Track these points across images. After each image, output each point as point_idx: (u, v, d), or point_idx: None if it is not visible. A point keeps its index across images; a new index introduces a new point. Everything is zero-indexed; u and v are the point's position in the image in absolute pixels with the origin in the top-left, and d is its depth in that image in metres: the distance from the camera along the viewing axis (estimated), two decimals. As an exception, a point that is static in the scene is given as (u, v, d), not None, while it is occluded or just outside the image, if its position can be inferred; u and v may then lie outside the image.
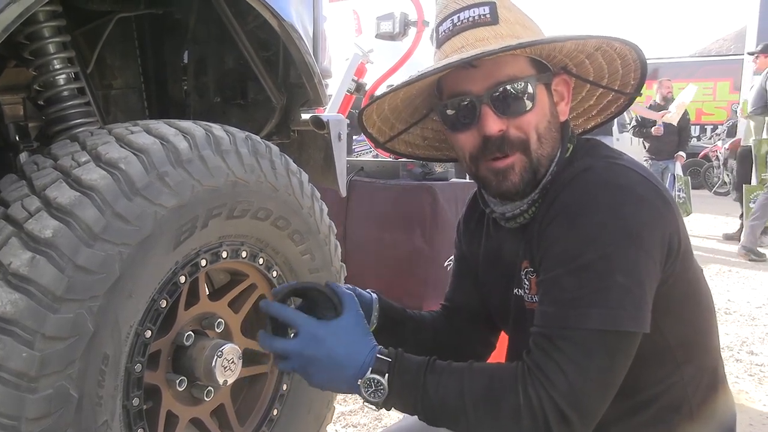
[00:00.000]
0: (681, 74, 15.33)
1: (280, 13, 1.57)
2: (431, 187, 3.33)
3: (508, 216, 1.09)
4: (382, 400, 0.94)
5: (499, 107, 0.99)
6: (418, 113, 1.19)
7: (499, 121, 0.99)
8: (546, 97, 1.03)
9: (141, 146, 1.16)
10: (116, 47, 1.90)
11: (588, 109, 1.21)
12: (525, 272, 1.06)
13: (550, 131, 1.03)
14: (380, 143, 1.23)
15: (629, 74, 1.10)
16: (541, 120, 1.01)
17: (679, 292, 1.00)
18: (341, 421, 2.48)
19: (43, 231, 1.02)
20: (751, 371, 3.15)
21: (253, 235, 1.42)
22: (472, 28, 0.99)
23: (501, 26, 0.98)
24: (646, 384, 1.01)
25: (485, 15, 0.98)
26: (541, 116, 1.01)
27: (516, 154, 1.01)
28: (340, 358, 0.95)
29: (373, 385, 0.93)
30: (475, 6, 0.99)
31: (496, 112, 0.99)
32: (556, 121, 1.05)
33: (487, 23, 0.98)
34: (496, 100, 0.99)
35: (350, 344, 0.96)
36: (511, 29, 0.98)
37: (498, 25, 0.98)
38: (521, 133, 1.00)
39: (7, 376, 0.96)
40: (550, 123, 1.03)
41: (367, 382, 0.93)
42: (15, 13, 1.09)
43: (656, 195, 0.95)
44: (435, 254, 3.32)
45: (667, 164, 7.55)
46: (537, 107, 1.01)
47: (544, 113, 1.02)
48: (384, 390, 0.93)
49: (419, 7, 4.09)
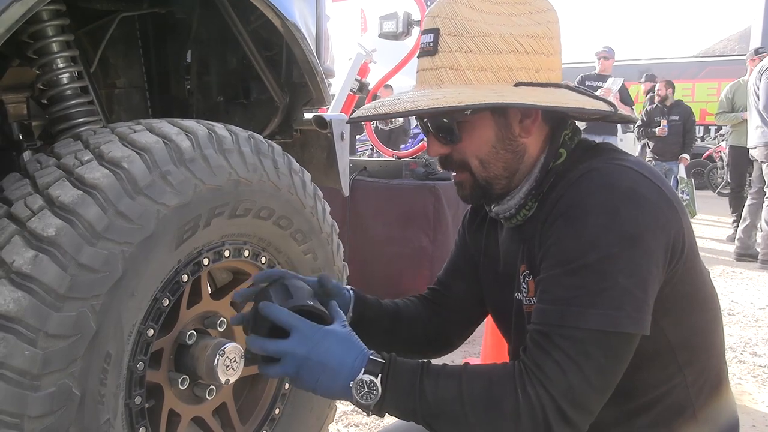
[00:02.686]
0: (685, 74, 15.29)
1: (283, 12, 1.58)
2: (434, 186, 3.33)
3: (502, 217, 1.11)
4: (374, 402, 0.92)
5: (438, 135, 1.05)
6: None
7: (440, 147, 1.06)
8: (489, 124, 1.02)
9: (144, 145, 1.17)
10: (119, 46, 1.90)
11: None
12: (523, 276, 1.06)
13: (497, 154, 1.03)
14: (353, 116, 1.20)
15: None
16: (479, 147, 1.03)
17: (683, 293, 0.99)
18: (343, 421, 2.48)
19: (46, 229, 1.03)
20: (754, 373, 3.14)
21: (256, 234, 1.42)
22: (420, 56, 1.03)
23: (439, 56, 0.99)
24: (649, 386, 1.01)
25: (429, 44, 1.01)
26: (478, 144, 1.03)
27: (463, 173, 1.07)
28: (333, 358, 0.94)
29: (366, 386, 0.92)
30: (426, 32, 1.02)
31: (438, 139, 1.05)
32: (509, 143, 1.03)
33: (429, 53, 1.01)
34: (435, 129, 1.05)
35: (343, 346, 0.95)
36: (448, 59, 0.98)
37: (436, 55, 0.99)
38: (461, 157, 1.05)
39: (10, 374, 0.97)
40: (496, 147, 1.03)
41: (359, 383, 0.92)
42: (19, 12, 1.09)
43: (660, 196, 0.95)
44: (437, 254, 3.32)
45: (671, 166, 7.54)
46: (472, 137, 1.03)
47: (484, 140, 1.03)
48: (377, 391, 0.92)
49: (422, 7, 4.09)
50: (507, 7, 1.00)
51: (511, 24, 0.99)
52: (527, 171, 1.05)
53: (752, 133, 5.65)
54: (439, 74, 0.99)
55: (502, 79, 0.98)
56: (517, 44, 0.98)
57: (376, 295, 1.27)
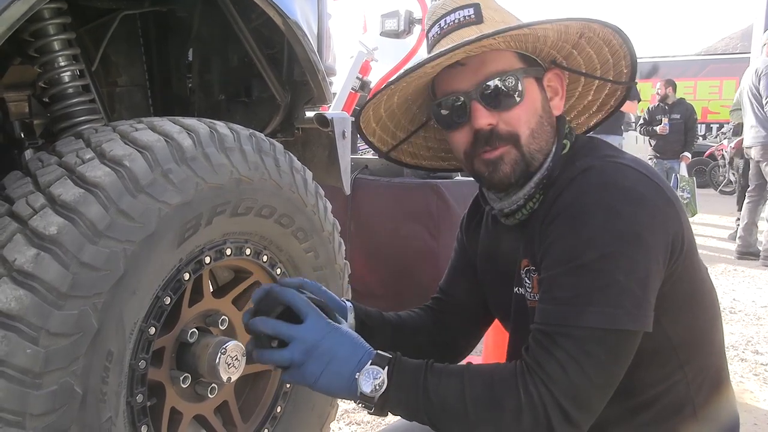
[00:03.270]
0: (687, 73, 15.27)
1: (285, 10, 1.57)
2: (436, 184, 3.33)
3: (506, 212, 1.09)
4: (379, 394, 0.91)
5: (488, 102, 1.01)
6: (417, 120, 1.20)
7: (489, 116, 1.01)
8: (537, 92, 1.04)
9: (145, 143, 1.17)
10: (121, 45, 1.90)
11: (588, 105, 1.21)
12: (526, 271, 1.06)
13: (542, 126, 1.04)
14: (383, 152, 1.24)
15: (620, 62, 1.10)
16: (531, 114, 1.02)
17: (682, 291, 0.99)
18: (344, 419, 2.48)
19: (47, 228, 1.03)
20: (756, 371, 3.14)
21: (257, 232, 1.42)
22: (457, 29, 1.01)
23: (485, 25, 0.99)
24: (649, 383, 1.01)
25: (470, 16, 1.00)
26: (531, 110, 1.02)
27: (506, 146, 1.02)
28: (342, 348, 0.94)
29: (372, 377, 0.91)
30: (459, 9, 1.01)
31: (486, 107, 1.01)
32: (548, 116, 1.05)
33: (472, 23, 1.00)
34: (484, 96, 1.01)
35: (352, 339, 0.96)
36: (495, 28, 0.98)
37: (483, 23, 1.00)
38: (511, 127, 1.02)
39: (12, 372, 0.97)
40: (542, 118, 1.04)
41: (365, 374, 0.92)
42: (20, 10, 1.09)
43: (658, 194, 0.95)
44: (440, 252, 3.31)
45: (672, 164, 7.53)
46: (526, 101, 1.01)
47: (535, 108, 1.03)
48: (383, 384, 0.91)
49: (424, 5, 4.09)
50: None
51: None
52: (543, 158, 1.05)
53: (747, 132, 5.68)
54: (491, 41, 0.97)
55: None
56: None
57: (378, 293, 1.26)
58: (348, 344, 0.95)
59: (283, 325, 0.97)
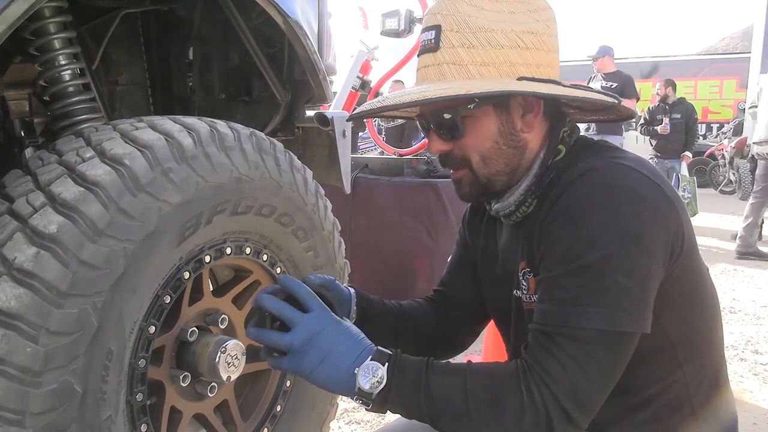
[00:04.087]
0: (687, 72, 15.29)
1: (285, 9, 1.57)
2: (435, 184, 3.33)
3: (501, 214, 1.11)
4: (378, 390, 0.91)
5: (440, 131, 1.05)
6: None
7: (441, 144, 1.05)
8: (491, 119, 1.02)
9: (146, 142, 1.17)
10: (121, 43, 1.90)
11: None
12: (523, 273, 1.06)
13: (498, 150, 1.03)
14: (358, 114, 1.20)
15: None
16: (481, 142, 1.03)
17: (682, 290, 0.99)
18: (344, 418, 2.48)
19: (47, 226, 1.03)
20: (755, 370, 3.14)
21: (257, 231, 1.42)
22: (421, 53, 1.03)
23: (441, 52, 0.99)
24: (647, 382, 1.01)
25: (430, 41, 1.01)
26: (481, 139, 1.03)
27: (463, 169, 1.06)
28: (343, 343, 0.94)
29: (371, 373, 0.91)
30: (427, 30, 1.02)
31: (439, 135, 1.05)
32: (510, 138, 1.03)
33: (430, 49, 1.01)
34: (437, 125, 1.04)
35: (354, 333, 0.96)
36: (450, 55, 0.98)
37: (438, 51, 1.00)
38: (462, 153, 1.05)
39: (12, 371, 0.97)
40: (498, 143, 1.03)
41: (365, 369, 0.91)
42: (21, 8, 1.09)
43: (659, 194, 0.95)
44: (439, 251, 3.32)
45: (673, 163, 7.52)
46: (475, 132, 1.02)
47: (486, 135, 1.02)
48: (382, 380, 0.91)
49: (424, 4, 4.08)
50: (506, 5, 1.01)
51: (512, 21, 0.99)
52: (527, 167, 1.06)
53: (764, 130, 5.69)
54: (442, 70, 0.99)
55: (505, 74, 0.98)
56: (518, 40, 0.98)
57: (379, 294, 1.26)
58: (349, 339, 0.95)
59: (289, 308, 0.97)
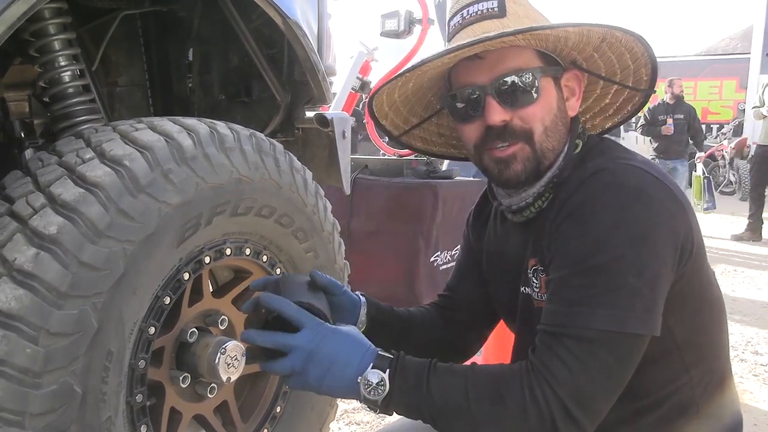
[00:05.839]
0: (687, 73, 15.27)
1: (285, 10, 1.57)
2: (435, 185, 3.33)
3: (514, 209, 1.09)
4: (381, 398, 0.92)
5: (503, 98, 1.00)
6: (431, 107, 1.20)
7: (503, 112, 1.00)
8: (553, 91, 1.03)
9: (145, 143, 1.17)
10: (121, 44, 1.90)
11: (605, 108, 1.19)
12: (533, 271, 1.05)
13: (557, 125, 1.03)
14: (394, 136, 1.23)
15: (640, 69, 1.09)
16: (546, 113, 1.02)
17: (690, 293, 0.99)
18: (344, 419, 2.48)
19: (47, 227, 1.03)
20: (755, 371, 3.14)
21: (257, 232, 1.42)
22: (479, 21, 1.00)
23: (508, 19, 0.99)
24: (654, 386, 1.00)
25: (493, 8, 0.99)
26: (546, 109, 1.02)
27: (519, 143, 1.02)
28: (341, 352, 0.94)
29: (374, 382, 0.92)
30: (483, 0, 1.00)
31: (501, 103, 1.00)
32: (563, 116, 1.05)
33: (495, 16, 0.99)
34: (500, 91, 1.00)
35: (351, 341, 0.96)
36: (518, 23, 0.98)
37: (506, 17, 0.99)
38: (525, 124, 1.01)
39: (12, 372, 0.97)
40: (557, 117, 1.03)
41: (367, 378, 0.92)
42: (20, 10, 1.09)
43: (668, 196, 0.94)
44: (438, 252, 3.32)
45: (675, 164, 7.51)
46: (542, 99, 1.01)
47: (551, 106, 1.02)
48: (384, 386, 0.91)
49: (424, 6, 4.08)
50: None
51: None
52: (556, 156, 1.05)
53: None
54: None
55: None
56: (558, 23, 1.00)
57: (378, 295, 1.26)
58: (347, 347, 0.95)
59: (279, 335, 0.97)
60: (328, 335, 0.95)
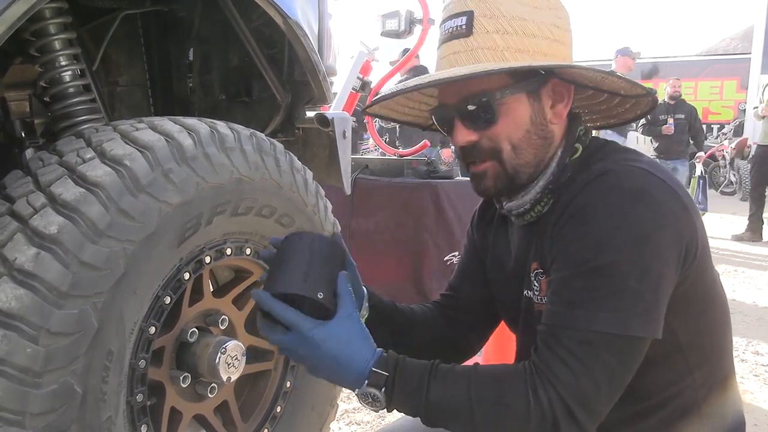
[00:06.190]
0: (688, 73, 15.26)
1: (285, 10, 1.57)
2: (435, 185, 3.33)
3: (514, 213, 1.09)
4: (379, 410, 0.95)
5: (467, 121, 1.01)
6: None
7: (468, 133, 1.01)
8: (526, 106, 1.00)
9: (146, 143, 1.17)
10: (122, 44, 1.90)
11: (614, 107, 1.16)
12: (535, 274, 1.05)
13: (529, 139, 1.01)
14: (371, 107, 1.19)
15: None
16: (514, 131, 1.00)
17: (694, 295, 0.98)
18: (344, 419, 2.48)
19: (48, 227, 1.03)
20: (756, 371, 3.14)
21: (258, 232, 1.42)
22: (449, 40, 1.00)
23: (474, 37, 0.97)
24: (656, 388, 1.00)
25: (461, 26, 0.98)
26: (513, 127, 1.00)
27: (488, 161, 1.02)
28: (337, 362, 0.94)
29: (370, 398, 0.93)
30: (455, 16, 1.00)
31: (465, 125, 1.01)
32: (540, 128, 1.02)
33: (461, 35, 0.98)
34: (464, 114, 1.01)
35: (348, 350, 0.94)
36: (485, 40, 0.97)
37: (471, 36, 0.97)
38: (493, 144, 1.01)
39: (12, 372, 0.97)
40: (530, 132, 1.01)
41: (362, 394, 0.93)
42: (21, 9, 1.09)
43: (673, 198, 0.94)
44: (439, 252, 3.32)
45: (676, 164, 7.51)
46: (508, 119, 0.99)
47: (519, 123, 1.00)
48: (381, 403, 0.93)
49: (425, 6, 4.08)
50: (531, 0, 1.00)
51: (537, 14, 0.99)
52: (547, 163, 1.04)
53: None
54: (476, 55, 0.97)
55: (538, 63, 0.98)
56: (548, 32, 0.98)
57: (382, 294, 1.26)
58: (345, 356, 0.94)
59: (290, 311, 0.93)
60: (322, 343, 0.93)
